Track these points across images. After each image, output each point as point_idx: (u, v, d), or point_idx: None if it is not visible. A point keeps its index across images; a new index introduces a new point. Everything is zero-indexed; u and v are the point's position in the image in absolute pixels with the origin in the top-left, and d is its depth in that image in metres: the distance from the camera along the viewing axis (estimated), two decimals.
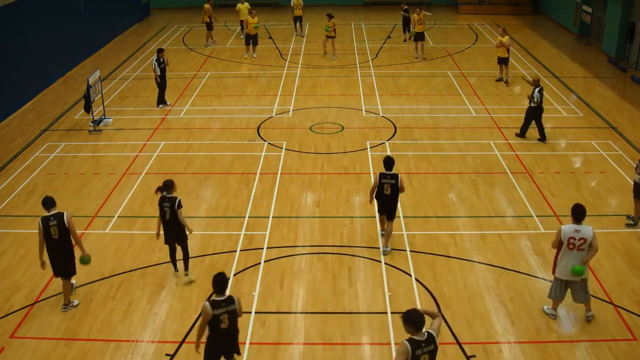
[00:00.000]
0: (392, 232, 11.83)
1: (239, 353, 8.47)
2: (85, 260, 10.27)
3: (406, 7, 27.40)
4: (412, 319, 6.99)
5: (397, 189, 11.39)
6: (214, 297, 7.99)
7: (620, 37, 23.97)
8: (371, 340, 9.63)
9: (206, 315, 7.91)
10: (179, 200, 10.57)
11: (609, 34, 25.00)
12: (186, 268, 10.98)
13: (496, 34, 28.22)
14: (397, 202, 11.61)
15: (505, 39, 20.90)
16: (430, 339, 7.00)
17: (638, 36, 23.08)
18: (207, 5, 26.62)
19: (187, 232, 10.74)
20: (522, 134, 16.87)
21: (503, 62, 21.31)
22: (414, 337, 6.96)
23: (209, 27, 26.91)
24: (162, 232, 10.79)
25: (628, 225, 12.67)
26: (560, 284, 9.75)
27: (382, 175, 11.42)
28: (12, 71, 19.57)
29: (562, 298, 9.89)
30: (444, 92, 20.82)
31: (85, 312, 10.29)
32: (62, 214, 9.96)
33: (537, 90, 16.13)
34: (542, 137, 16.58)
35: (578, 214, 9.51)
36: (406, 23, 27.33)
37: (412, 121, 18.28)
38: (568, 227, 9.52)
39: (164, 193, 10.63)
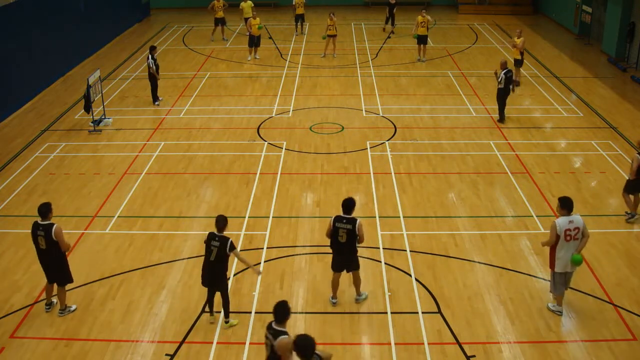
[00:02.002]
0: (360, 281, 10.32)
1: None
2: None
3: (394, 1, 27.96)
4: (305, 346, 6.66)
5: (354, 236, 9.73)
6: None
7: (620, 37, 23.97)
8: (371, 340, 9.63)
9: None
10: (232, 242, 9.39)
11: (609, 34, 24.99)
12: (226, 315, 9.87)
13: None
14: (355, 251, 9.96)
15: (519, 40, 20.75)
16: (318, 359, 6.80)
17: (638, 36, 23.09)
18: (219, 2, 26.86)
19: (255, 273, 9.77)
20: (500, 119, 18.05)
21: (516, 64, 21.15)
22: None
23: (222, 22, 27.44)
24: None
25: (629, 222, 12.80)
26: (561, 277, 9.82)
27: (337, 219, 9.82)
28: (12, 71, 19.57)
29: (564, 292, 9.99)
30: (444, 92, 20.82)
31: (85, 312, 10.29)
32: (52, 226, 9.67)
33: (503, 72, 17.54)
34: (500, 118, 18.04)
35: (570, 205, 9.68)
36: (390, 15, 28.28)
37: (412, 121, 18.28)
38: (562, 221, 9.63)
39: (215, 230, 9.52)
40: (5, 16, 19.23)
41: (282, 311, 7.40)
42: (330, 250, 10.14)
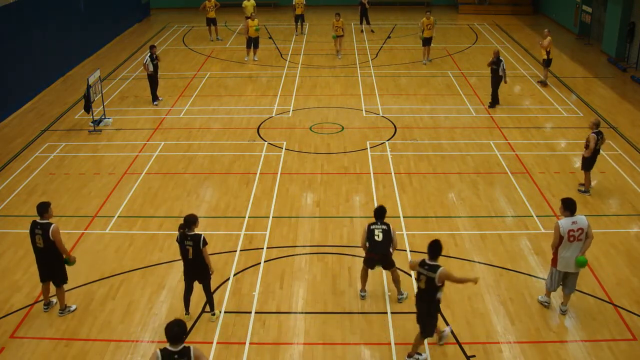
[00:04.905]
0: (399, 279, 10.45)
1: None
2: (69, 262, 10.02)
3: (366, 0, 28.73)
4: (170, 331, 6.92)
5: (389, 236, 10.12)
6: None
7: (620, 37, 23.97)
8: (371, 340, 9.62)
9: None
10: (204, 238, 9.66)
11: (609, 34, 25.00)
12: (212, 308, 10.10)
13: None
14: (391, 249, 10.19)
15: (546, 40, 20.70)
16: (185, 352, 6.92)
17: (638, 36, 23.08)
18: (210, 2, 26.96)
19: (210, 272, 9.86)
20: (492, 103, 19.25)
21: (543, 63, 21.27)
22: (169, 347, 6.94)
23: (214, 22, 27.61)
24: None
25: (580, 192, 13.91)
26: (559, 275, 9.91)
27: (371, 224, 10.25)
28: (12, 71, 19.57)
29: (556, 289, 10.14)
30: (444, 92, 20.82)
31: (85, 312, 10.29)
32: (49, 226, 9.68)
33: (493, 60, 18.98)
34: (492, 103, 19.26)
35: (573, 206, 9.75)
36: (363, 13, 28.96)
37: (412, 121, 18.28)
38: (565, 222, 9.69)
39: (185, 230, 9.66)
40: (5, 16, 19.23)
41: (436, 248, 8.76)
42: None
